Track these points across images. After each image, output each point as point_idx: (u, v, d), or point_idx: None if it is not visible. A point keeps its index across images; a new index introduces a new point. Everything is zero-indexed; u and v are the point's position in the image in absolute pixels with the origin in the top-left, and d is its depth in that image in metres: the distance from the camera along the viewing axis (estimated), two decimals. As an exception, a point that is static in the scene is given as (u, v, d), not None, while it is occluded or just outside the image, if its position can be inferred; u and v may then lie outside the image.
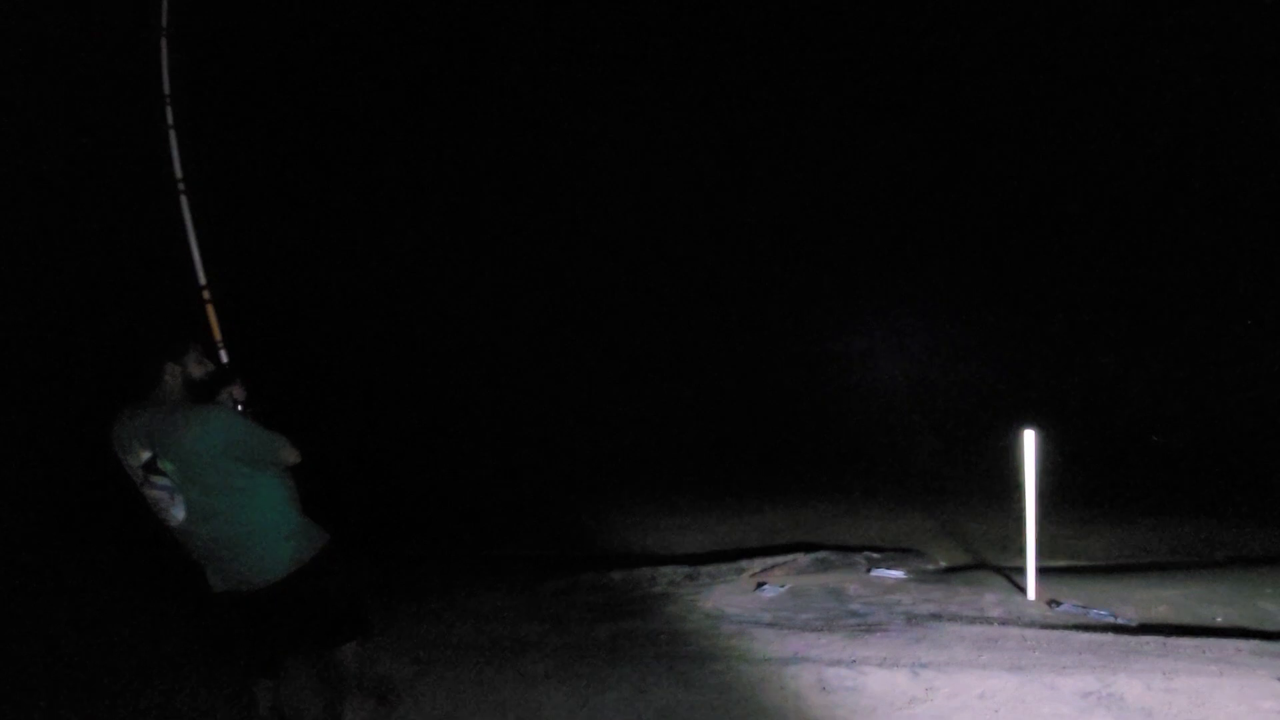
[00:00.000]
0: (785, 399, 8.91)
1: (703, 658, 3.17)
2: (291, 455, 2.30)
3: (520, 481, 7.64)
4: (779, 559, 4.91)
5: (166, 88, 2.60)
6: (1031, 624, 3.47)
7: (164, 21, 2.66)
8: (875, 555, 5.01)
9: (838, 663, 3.02)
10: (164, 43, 2.64)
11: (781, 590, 4.30)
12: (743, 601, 4.09)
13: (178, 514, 2.17)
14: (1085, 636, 3.21)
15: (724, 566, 4.77)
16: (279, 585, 2.24)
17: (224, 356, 2.39)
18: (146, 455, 2.13)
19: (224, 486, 2.17)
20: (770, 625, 3.65)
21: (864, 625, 3.59)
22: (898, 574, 4.63)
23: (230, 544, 2.21)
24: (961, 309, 8.33)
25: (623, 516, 6.50)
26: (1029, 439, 4.01)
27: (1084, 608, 3.72)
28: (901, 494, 6.63)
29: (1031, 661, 2.89)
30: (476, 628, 3.67)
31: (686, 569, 4.73)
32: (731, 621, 3.71)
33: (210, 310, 2.39)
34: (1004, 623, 3.51)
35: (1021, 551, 4.84)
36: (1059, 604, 3.82)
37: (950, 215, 9.08)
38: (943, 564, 4.94)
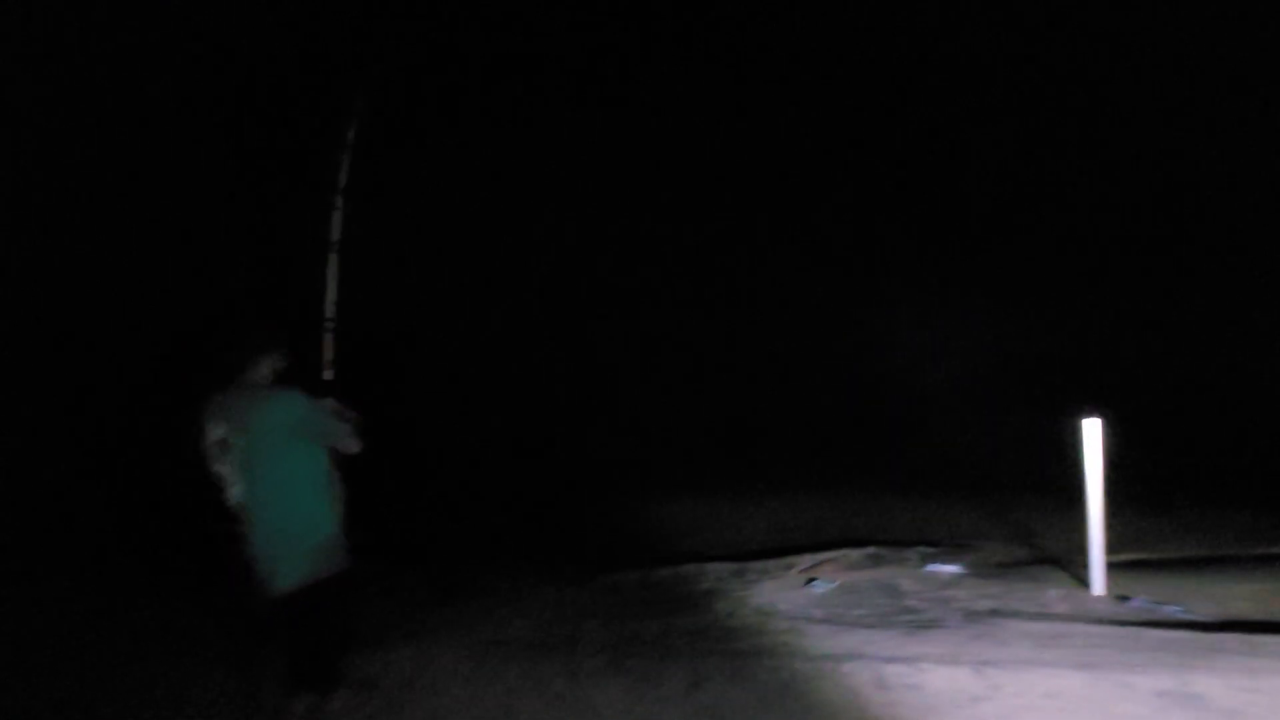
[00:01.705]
0: (829, 392, 8.75)
1: (755, 654, 3.14)
2: (354, 443, 2.49)
3: (563, 482, 7.71)
4: (829, 554, 4.84)
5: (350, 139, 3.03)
6: (1098, 620, 3.34)
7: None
8: (928, 550, 4.89)
9: (895, 660, 2.96)
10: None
11: (833, 586, 4.24)
12: (793, 598, 4.05)
13: (236, 493, 2.40)
14: (1158, 633, 3.07)
15: (772, 563, 4.73)
16: (286, 598, 2.38)
17: (328, 375, 2.78)
18: (221, 432, 2.40)
19: (283, 471, 2.37)
20: (823, 621, 3.60)
21: (920, 622, 3.51)
22: (953, 569, 4.51)
23: (268, 535, 2.38)
24: (1017, 294, 8.01)
25: (666, 515, 6.50)
26: (1092, 427, 3.86)
27: (1155, 603, 3.56)
28: (953, 487, 6.46)
29: (1101, 659, 2.77)
30: (529, 623, 3.72)
31: (734, 565, 4.70)
32: (783, 618, 3.67)
33: (328, 339, 2.83)
34: (1069, 619, 3.39)
35: (1084, 545, 4.66)
36: (1127, 599, 3.66)
37: (1005, 192, 8.73)
38: (999, 558, 4.79)
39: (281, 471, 2.39)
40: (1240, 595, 3.58)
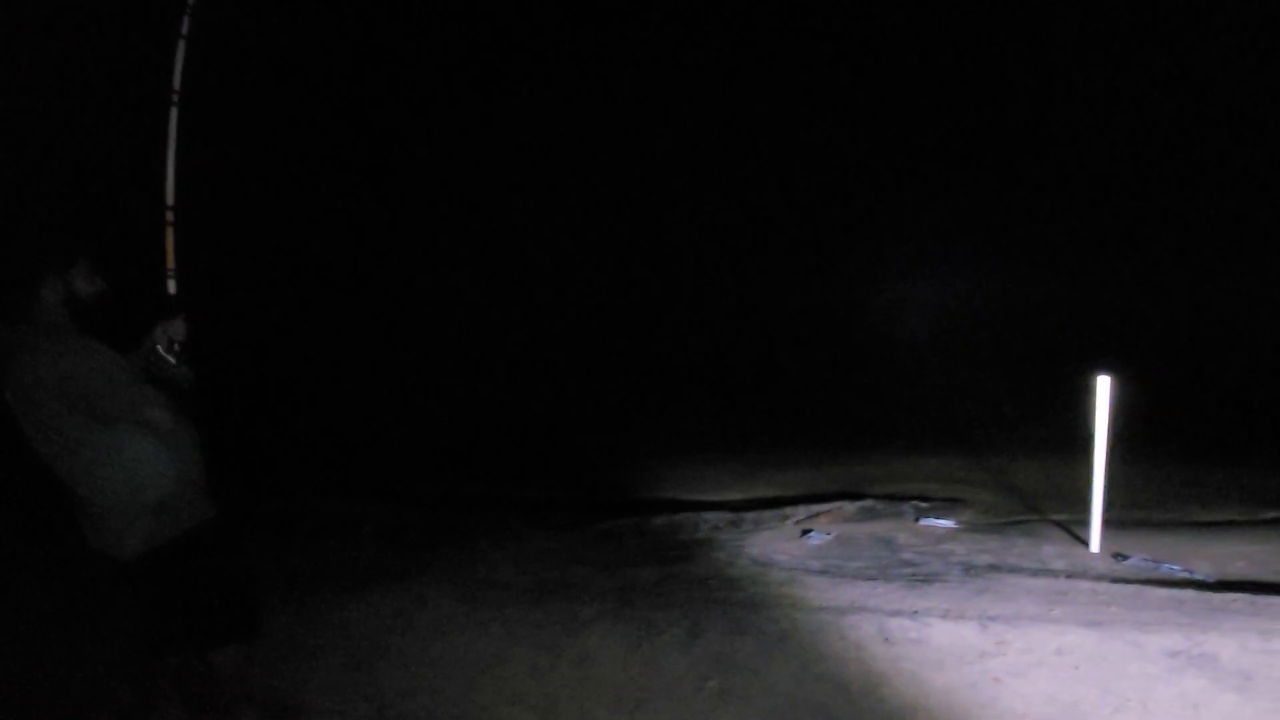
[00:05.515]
0: (820, 343, 8.64)
1: (755, 604, 3.08)
2: (160, 417, 1.85)
3: (548, 425, 7.59)
4: (823, 506, 4.80)
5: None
6: (1100, 578, 3.31)
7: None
8: (923, 504, 4.87)
9: (898, 613, 2.90)
10: None
11: (828, 538, 4.20)
12: (789, 549, 4.00)
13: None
14: (1163, 592, 3.04)
15: (767, 513, 4.68)
16: (136, 564, 1.89)
17: (172, 287, 2.04)
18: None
19: (62, 438, 1.78)
20: (821, 573, 3.54)
21: (920, 575, 3.47)
22: (948, 523, 4.49)
23: (79, 505, 1.88)
24: (1025, 244, 7.83)
25: (655, 463, 6.43)
26: (1104, 384, 3.76)
27: (1154, 562, 3.54)
28: (945, 443, 6.44)
29: (1109, 617, 2.73)
30: (522, 569, 3.63)
31: (729, 515, 4.64)
32: (780, 569, 3.62)
33: (170, 234, 2.04)
34: (1070, 575, 3.36)
35: (1079, 502, 4.64)
36: (1125, 557, 3.64)
37: (1010, 135, 8.45)
38: (994, 514, 4.77)
39: (64, 439, 1.78)
40: (1238, 556, 3.57)
